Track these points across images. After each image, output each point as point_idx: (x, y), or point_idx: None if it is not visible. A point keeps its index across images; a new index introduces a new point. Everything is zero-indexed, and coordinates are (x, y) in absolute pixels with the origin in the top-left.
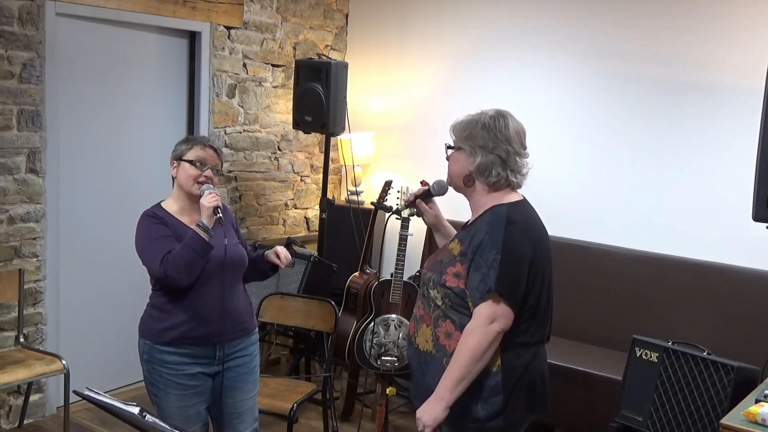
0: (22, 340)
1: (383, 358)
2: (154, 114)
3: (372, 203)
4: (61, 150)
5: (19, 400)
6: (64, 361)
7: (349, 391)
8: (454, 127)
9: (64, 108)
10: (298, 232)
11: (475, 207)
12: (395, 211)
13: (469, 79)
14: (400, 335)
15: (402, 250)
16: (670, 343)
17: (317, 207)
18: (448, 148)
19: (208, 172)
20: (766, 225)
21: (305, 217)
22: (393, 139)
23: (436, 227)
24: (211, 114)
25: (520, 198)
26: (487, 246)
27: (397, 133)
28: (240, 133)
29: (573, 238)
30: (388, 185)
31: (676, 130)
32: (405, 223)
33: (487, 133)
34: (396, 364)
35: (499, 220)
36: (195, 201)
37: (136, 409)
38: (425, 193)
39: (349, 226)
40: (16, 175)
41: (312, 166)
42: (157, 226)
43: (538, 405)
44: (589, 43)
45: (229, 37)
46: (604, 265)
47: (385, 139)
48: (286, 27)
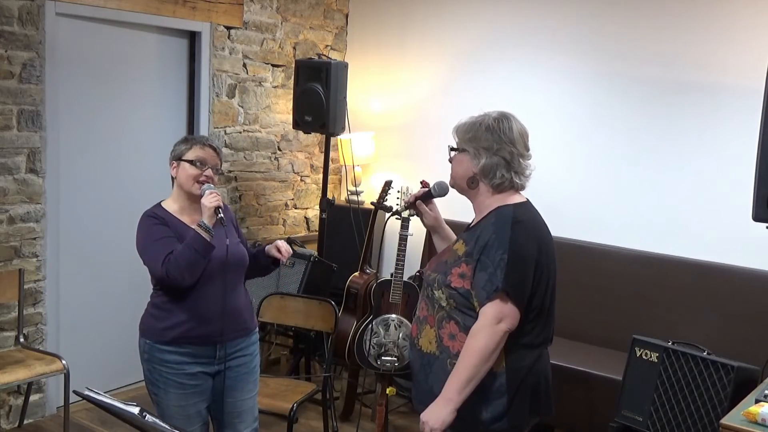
0: (22, 340)
1: (383, 358)
2: (154, 114)
3: (372, 203)
4: (61, 150)
5: (19, 400)
6: (64, 361)
7: (349, 391)
8: (457, 128)
9: (64, 108)
10: (298, 232)
11: (479, 209)
12: (395, 212)
13: (469, 79)
14: (400, 335)
15: (402, 250)
16: (670, 343)
17: (317, 207)
18: (452, 149)
19: (208, 172)
20: (766, 225)
21: (305, 217)
22: (393, 139)
23: (435, 229)
24: (211, 114)
25: (524, 200)
26: (493, 246)
27: (397, 133)
28: (240, 133)
29: (573, 238)
30: (388, 185)
31: (676, 130)
32: (405, 223)
33: (491, 135)
34: (396, 364)
35: (505, 220)
36: (195, 201)
37: (136, 409)
38: (426, 195)
39: (349, 226)
40: (16, 175)
41: (312, 166)
42: (158, 227)
43: (542, 408)
44: (589, 43)
45: (229, 37)
46: (604, 265)
47: (385, 139)
48: (286, 27)
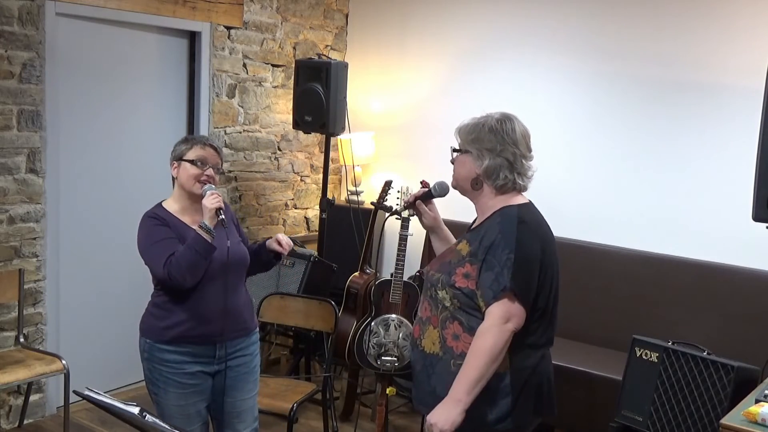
0: (22, 340)
1: (383, 358)
2: (154, 114)
3: (372, 203)
4: (61, 150)
5: (19, 400)
6: (64, 361)
7: (349, 391)
8: (460, 130)
9: (64, 108)
10: (298, 232)
11: (482, 210)
12: (395, 212)
13: (469, 79)
14: (400, 335)
15: (402, 250)
16: (670, 343)
17: (317, 207)
18: (454, 151)
19: (209, 171)
20: (766, 225)
21: (305, 217)
22: (393, 139)
23: (434, 230)
24: (211, 114)
25: (527, 201)
26: (499, 245)
27: (397, 133)
28: (240, 133)
29: (573, 238)
30: (388, 185)
31: (676, 130)
32: (405, 223)
33: (494, 137)
34: (396, 364)
35: (510, 220)
36: (196, 200)
37: (136, 409)
38: (426, 195)
39: (349, 226)
40: (16, 175)
41: (312, 166)
42: (160, 228)
43: (545, 408)
44: (589, 43)
45: (229, 37)
46: (604, 265)
47: (385, 139)
48: (286, 27)
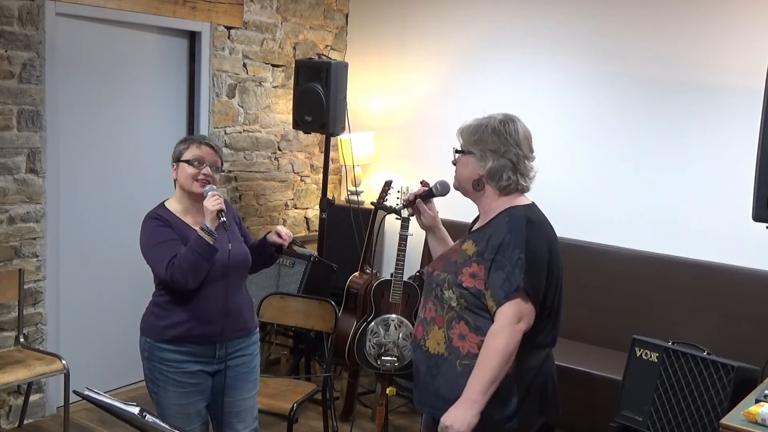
0: (22, 340)
1: (383, 358)
2: (154, 114)
3: (372, 203)
4: (61, 150)
5: (19, 400)
6: (64, 361)
7: (349, 391)
8: (462, 130)
9: (64, 108)
10: (298, 232)
11: (486, 210)
12: (394, 211)
13: (469, 79)
14: (400, 335)
15: (402, 250)
16: (670, 343)
17: (317, 207)
18: (457, 152)
19: (206, 170)
20: (766, 225)
21: (305, 217)
22: (393, 139)
23: (432, 229)
24: (211, 114)
25: (531, 202)
26: (509, 245)
27: (397, 133)
28: (240, 133)
29: (573, 238)
30: (388, 185)
31: (676, 130)
32: (405, 223)
33: (497, 138)
34: (396, 364)
35: (519, 220)
36: (198, 200)
37: (136, 409)
38: (427, 194)
39: (349, 226)
40: (16, 175)
41: (312, 166)
42: (162, 229)
43: (550, 408)
44: (589, 43)
45: (229, 37)
46: (604, 265)
47: (385, 139)
48: (286, 27)
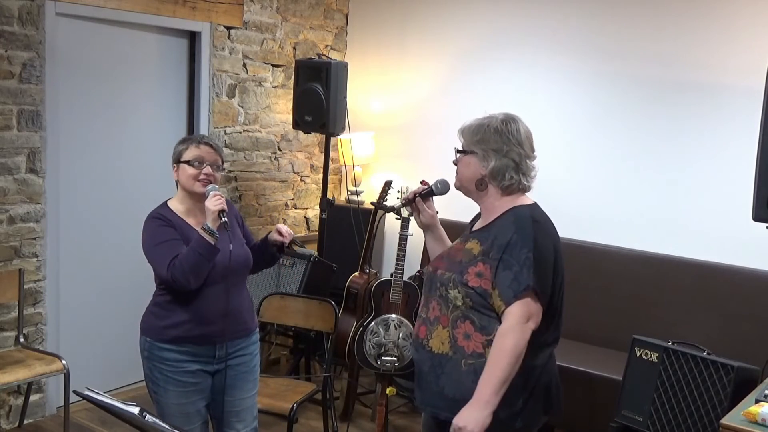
0: (22, 340)
1: (383, 358)
2: (154, 114)
3: (372, 203)
4: (61, 150)
5: (19, 400)
6: (64, 361)
7: (349, 391)
8: (464, 130)
9: (64, 108)
10: (298, 232)
11: (488, 210)
12: (393, 209)
13: (469, 79)
14: (400, 335)
15: (402, 250)
16: (670, 343)
17: (317, 207)
18: (458, 152)
19: (207, 169)
20: (766, 225)
21: (305, 217)
22: (393, 139)
23: (430, 228)
24: (211, 114)
25: (533, 201)
26: (517, 245)
27: (397, 133)
28: (240, 133)
29: (573, 238)
30: (388, 185)
31: (676, 130)
32: (405, 223)
33: (500, 137)
34: (396, 364)
35: (525, 220)
36: (200, 200)
37: (136, 409)
38: (427, 192)
39: (349, 226)
40: (16, 175)
41: (312, 166)
42: (164, 228)
43: (554, 406)
44: (589, 43)
45: (229, 37)
46: (604, 265)
47: (385, 139)
48: (286, 27)
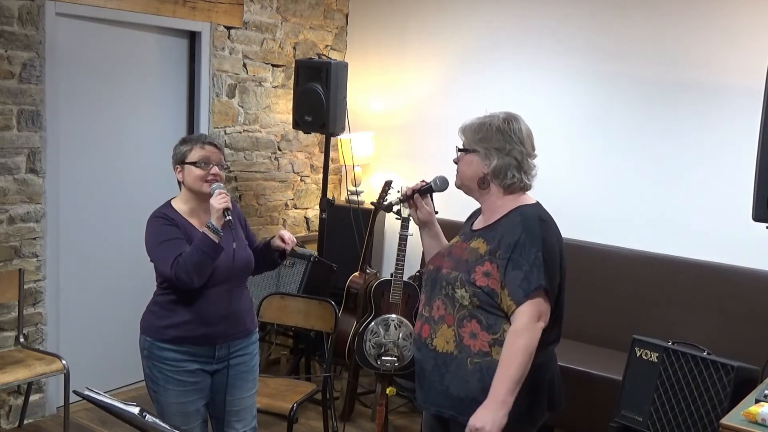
0: (22, 340)
1: (383, 358)
2: (154, 114)
3: (372, 203)
4: (61, 150)
5: (19, 400)
6: (64, 361)
7: (349, 391)
8: (465, 129)
9: (64, 108)
10: (298, 232)
11: (490, 209)
12: (391, 205)
13: (469, 79)
14: (400, 335)
15: (402, 250)
16: (670, 343)
17: (317, 207)
18: (460, 150)
19: (214, 170)
20: (766, 225)
21: (305, 217)
22: (393, 139)
23: (427, 225)
24: (211, 114)
25: (535, 201)
26: (525, 244)
27: (397, 133)
28: (240, 133)
29: (573, 238)
30: (388, 185)
31: (676, 130)
32: (405, 223)
33: (502, 136)
34: (396, 364)
35: (532, 219)
36: (205, 199)
37: (136, 409)
38: (426, 189)
39: (349, 226)
40: (16, 175)
41: (312, 166)
42: (167, 227)
43: (556, 403)
44: (589, 43)
45: (229, 37)
46: (604, 265)
47: (385, 139)
48: (286, 27)
